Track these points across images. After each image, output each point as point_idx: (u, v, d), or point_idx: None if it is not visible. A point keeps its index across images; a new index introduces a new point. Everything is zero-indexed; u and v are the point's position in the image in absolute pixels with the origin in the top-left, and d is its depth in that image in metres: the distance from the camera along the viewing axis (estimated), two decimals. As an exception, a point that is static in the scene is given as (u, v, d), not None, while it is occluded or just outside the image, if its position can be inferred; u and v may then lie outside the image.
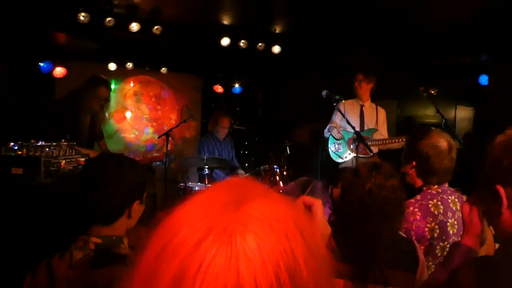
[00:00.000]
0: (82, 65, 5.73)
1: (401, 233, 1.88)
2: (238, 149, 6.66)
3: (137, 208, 1.59)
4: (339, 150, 4.79)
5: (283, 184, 4.99)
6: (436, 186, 2.15)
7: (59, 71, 5.61)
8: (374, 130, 4.76)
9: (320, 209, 1.24)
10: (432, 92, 6.32)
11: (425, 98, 4.54)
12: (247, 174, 5.33)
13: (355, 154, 4.10)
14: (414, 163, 2.18)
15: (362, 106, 4.78)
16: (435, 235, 2.04)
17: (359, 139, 3.77)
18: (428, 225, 2.04)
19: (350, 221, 1.70)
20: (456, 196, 2.16)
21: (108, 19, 4.57)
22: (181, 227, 0.55)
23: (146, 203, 1.66)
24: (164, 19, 4.85)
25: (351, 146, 4.67)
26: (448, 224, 2.07)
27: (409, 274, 1.74)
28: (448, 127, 4.20)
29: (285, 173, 5.17)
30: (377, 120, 4.78)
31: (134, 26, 4.77)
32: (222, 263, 0.50)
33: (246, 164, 6.45)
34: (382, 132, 4.82)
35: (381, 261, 1.66)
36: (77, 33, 5.12)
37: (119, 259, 1.42)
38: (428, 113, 5.69)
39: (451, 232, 2.07)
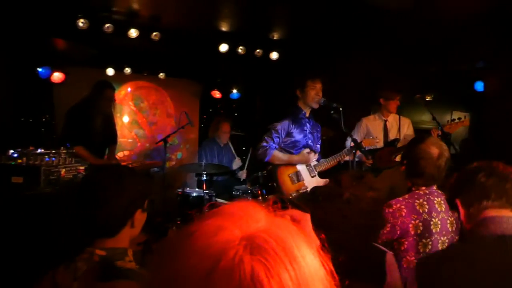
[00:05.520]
0: (80, 71, 5.75)
1: (376, 244, 1.90)
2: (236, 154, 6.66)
3: (140, 217, 1.59)
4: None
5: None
6: (424, 188, 2.32)
7: (57, 76, 5.62)
8: (398, 139, 4.79)
9: (309, 223, 1.25)
10: (428, 98, 6.36)
11: (422, 103, 4.59)
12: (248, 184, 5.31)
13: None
14: (405, 162, 2.38)
15: (385, 121, 4.84)
16: (419, 231, 2.20)
17: (356, 146, 3.81)
18: (413, 221, 2.20)
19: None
20: (443, 198, 2.32)
21: (107, 25, 4.59)
22: (189, 257, 0.56)
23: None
24: (163, 25, 4.87)
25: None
26: (432, 223, 2.23)
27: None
28: (444, 133, 4.25)
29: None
30: (400, 131, 4.83)
31: (133, 33, 4.79)
32: None
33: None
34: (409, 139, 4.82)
35: (346, 273, 1.67)
36: (76, 39, 5.13)
37: (123, 273, 1.42)
38: (425, 119, 5.74)
39: (434, 230, 2.24)
